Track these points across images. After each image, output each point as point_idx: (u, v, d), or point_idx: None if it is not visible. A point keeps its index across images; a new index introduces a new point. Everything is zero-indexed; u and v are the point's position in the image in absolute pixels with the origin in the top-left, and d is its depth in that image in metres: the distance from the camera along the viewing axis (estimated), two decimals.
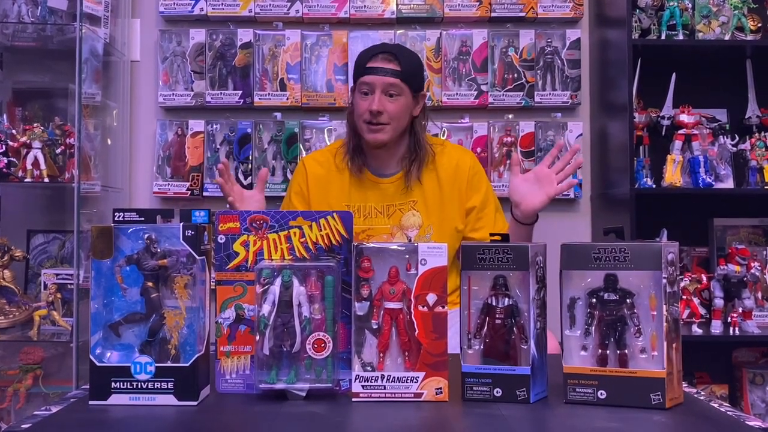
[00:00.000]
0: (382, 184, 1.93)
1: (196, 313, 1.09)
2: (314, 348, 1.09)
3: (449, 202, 1.91)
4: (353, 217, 1.58)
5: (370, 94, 1.86)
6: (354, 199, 1.92)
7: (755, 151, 2.38)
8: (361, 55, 1.92)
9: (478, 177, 1.95)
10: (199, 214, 1.12)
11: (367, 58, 1.88)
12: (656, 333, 1.05)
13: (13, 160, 2.22)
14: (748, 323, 2.26)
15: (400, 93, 1.86)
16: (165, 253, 1.10)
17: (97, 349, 1.09)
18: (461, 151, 2.03)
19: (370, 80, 1.85)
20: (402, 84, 1.86)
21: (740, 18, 2.41)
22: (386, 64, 1.86)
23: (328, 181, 1.94)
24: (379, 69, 1.86)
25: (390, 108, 1.85)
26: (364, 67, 1.87)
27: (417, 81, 1.92)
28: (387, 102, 1.85)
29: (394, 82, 1.85)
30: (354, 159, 1.92)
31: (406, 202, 1.92)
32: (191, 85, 2.52)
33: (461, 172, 1.93)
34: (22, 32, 2.38)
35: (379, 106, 1.84)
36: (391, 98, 1.85)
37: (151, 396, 1.07)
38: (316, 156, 2.03)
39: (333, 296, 1.10)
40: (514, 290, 1.10)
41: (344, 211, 1.17)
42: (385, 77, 1.85)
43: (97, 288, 1.10)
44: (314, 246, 1.15)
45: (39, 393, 2.23)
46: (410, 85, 1.88)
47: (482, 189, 1.94)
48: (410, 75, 1.88)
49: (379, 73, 1.85)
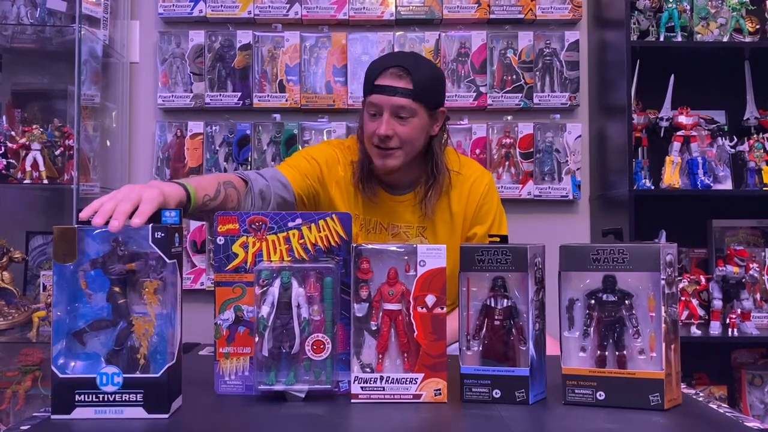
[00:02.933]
0: (391, 202, 1.75)
1: (166, 320, 1.02)
2: (313, 349, 1.08)
3: (457, 233, 1.75)
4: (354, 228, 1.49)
5: (378, 116, 1.65)
6: (359, 210, 1.75)
7: (753, 153, 2.38)
8: (372, 68, 1.69)
9: (486, 209, 1.76)
10: (170, 215, 1.06)
11: (377, 72, 1.65)
12: (655, 334, 1.05)
13: (12, 161, 2.22)
14: (746, 324, 2.26)
15: (412, 114, 1.64)
16: (133, 256, 1.03)
17: (59, 359, 1.00)
18: (475, 176, 1.79)
19: (378, 101, 1.64)
20: (414, 104, 1.63)
21: (738, 20, 2.41)
22: (396, 81, 1.63)
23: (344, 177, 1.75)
24: (387, 88, 1.63)
25: (401, 131, 1.64)
26: (372, 83, 1.65)
27: (434, 97, 1.68)
28: (397, 125, 1.64)
29: (404, 103, 1.62)
30: (366, 181, 1.72)
31: (415, 227, 1.76)
32: (190, 87, 2.53)
33: (471, 201, 1.75)
34: (21, 34, 2.38)
35: (387, 131, 1.62)
36: (402, 120, 1.64)
37: (119, 409, 1.00)
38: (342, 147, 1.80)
39: (332, 297, 1.10)
40: (512, 291, 1.10)
41: (343, 213, 1.17)
42: (394, 98, 1.62)
43: (60, 294, 1.01)
44: (313, 247, 1.14)
45: (38, 395, 2.23)
46: (425, 103, 1.65)
47: (487, 222, 1.75)
48: (425, 92, 1.64)
49: (387, 93, 1.63)
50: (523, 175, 2.52)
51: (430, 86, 1.67)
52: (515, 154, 2.53)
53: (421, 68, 1.66)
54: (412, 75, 1.63)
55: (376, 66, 1.69)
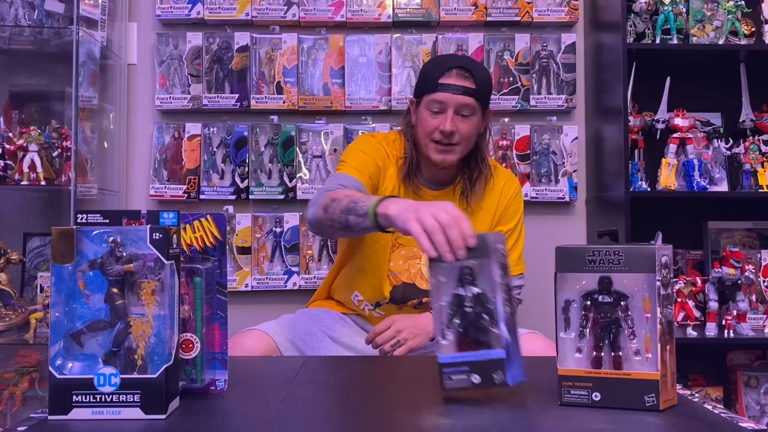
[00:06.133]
0: (427, 195, 1.83)
1: (164, 321, 1.02)
2: (182, 348, 1.09)
3: (486, 228, 1.84)
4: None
5: (442, 113, 1.75)
6: None
7: (749, 155, 2.40)
8: (432, 68, 1.79)
9: (513, 210, 1.89)
10: (168, 216, 1.06)
11: (440, 72, 1.75)
12: (650, 335, 1.06)
13: (10, 163, 2.22)
14: (742, 326, 2.27)
15: (473, 113, 1.76)
16: (131, 257, 1.03)
17: (57, 360, 1.01)
18: (508, 178, 1.94)
19: (444, 98, 1.74)
20: (475, 103, 1.76)
21: (734, 22, 2.43)
22: (461, 81, 1.74)
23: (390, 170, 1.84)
24: (454, 87, 1.73)
25: (462, 128, 1.75)
26: (436, 82, 1.75)
27: (488, 98, 1.82)
28: (459, 122, 1.75)
29: (468, 102, 1.74)
30: (413, 176, 1.82)
31: None
32: (188, 89, 2.53)
33: (503, 200, 1.87)
34: (18, 35, 2.38)
35: (452, 127, 1.73)
36: (464, 118, 1.75)
37: (116, 409, 1.00)
38: (387, 139, 1.89)
39: (201, 297, 1.10)
40: (480, 279, 1.12)
41: (218, 213, 1.17)
42: (460, 96, 1.73)
43: (58, 295, 1.01)
44: (188, 248, 1.14)
45: (35, 396, 2.23)
46: (482, 103, 1.78)
47: (512, 223, 1.87)
48: (483, 93, 1.78)
49: (454, 91, 1.73)
50: (520, 177, 2.53)
51: (487, 87, 1.81)
52: (512, 156, 2.54)
53: (480, 70, 1.80)
54: (475, 76, 1.75)
55: (437, 65, 1.79)
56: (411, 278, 1.87)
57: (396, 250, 1.87)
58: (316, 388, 1.27)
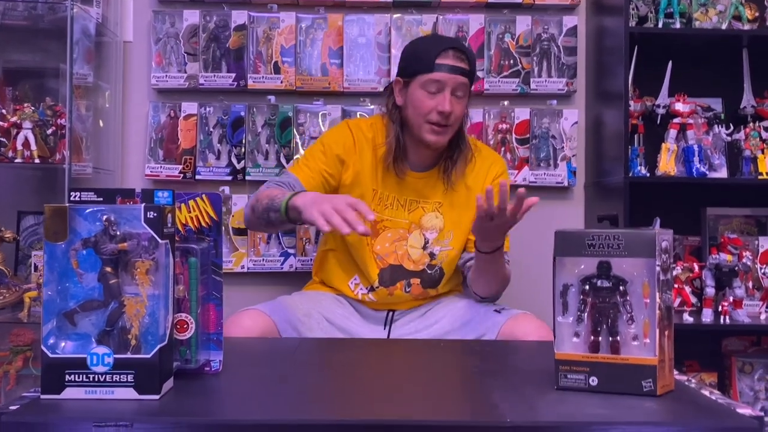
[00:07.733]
0: (410, 177, 1.86)
1: (158, 301, 1.01)
2: (177, 328, 1.09)
3: (472, 209, 1.80)
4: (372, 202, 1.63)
5: (438, 93, 1.77)
6: (378, 185, 1.85)
7: (749, 141, 2.38)
8: (426, 49, 1.80)
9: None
10: (163, 195, 1.06)
11: (436, 52, 1.76)
12: (649, 320, 1.05)
13: (3, 140, 2.20)
14: (738, 312, 2.27)
15: (465, 94, 1.80)
16: (125, 236, 1.01)
17: (50, 339, 1.00)
18: (493, 158, 1.97)
19: (443, 78, 1.75)
20: (468, 84, 1.80)
21: (738, 7, 2.40)
22: (458, 62, 1.77)
23: (362, 156, 1.86)
24: (452, 67, 1.76)
25: (457, 109, 1.79)
26: (433, 62, 1.76)
27: (473, 80, 1.88)
28: (455, 102, 1.78)
29: (465, 82, 1.78)
30: (399, 159, 1.83)
31: (432, 201, 1.86)
32: (184, 67, 2.50)
33: (488, 181, 1.88)
34: (12, 11, 2.34)
35: (450, 107, 1.75)
36: (458, 99, 1.79)
37: (109, 389, 0.99)
38: (362, 126, 1.91)
39: (196, 278, 1.10)
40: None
41: (213, 193, 1.16)
42: (458, 76, 1.76)
43: (51, 273, 1.00)
44: (183, 228, 1.13)
45: (29, 375, 2.22)
46: (472, 83, 1.84)
47: None
48: (473, 74, 1.83)
49: (453, 72, 1.76)
50: (519, 161, 2.51)
51: (475, 70, 1.86)
52: (511, 140, 2.52)
53: (470, 52, 1.84)
54: (469, 58, 1.79)
55: (432, 46, 1.80)
56: (398, 260, 1.87)
57: (382, 232, 1.86)
58: (310, 369, 1.27)
